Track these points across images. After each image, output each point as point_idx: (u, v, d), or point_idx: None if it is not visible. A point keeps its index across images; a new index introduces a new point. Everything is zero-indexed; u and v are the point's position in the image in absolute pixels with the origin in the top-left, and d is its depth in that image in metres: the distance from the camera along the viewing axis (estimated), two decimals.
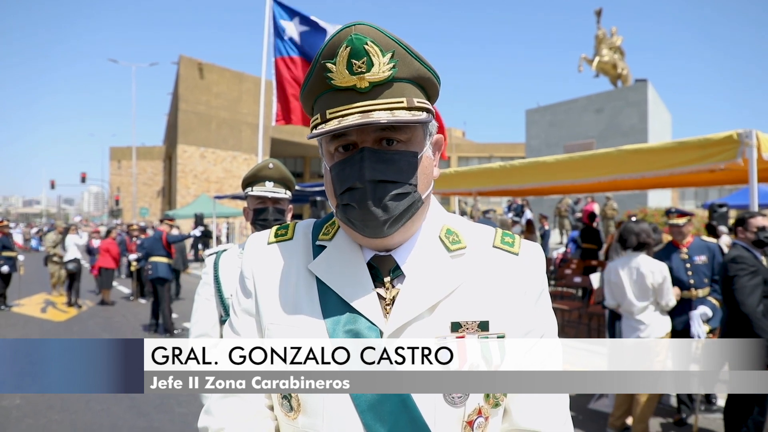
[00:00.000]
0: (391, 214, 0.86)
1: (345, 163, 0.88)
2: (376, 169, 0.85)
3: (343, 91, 0.85)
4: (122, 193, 45.11)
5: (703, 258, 4.78)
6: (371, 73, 0.82)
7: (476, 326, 0.90)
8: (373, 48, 0.82)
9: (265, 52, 7.36)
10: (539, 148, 22.16)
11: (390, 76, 0.84)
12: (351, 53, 0.81)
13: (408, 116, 0.84)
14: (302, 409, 0.89)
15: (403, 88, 0.86)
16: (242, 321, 1.01)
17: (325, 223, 1.05)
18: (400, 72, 0.85)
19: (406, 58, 0.85)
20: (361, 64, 0.82)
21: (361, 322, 0.89)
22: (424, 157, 0.93)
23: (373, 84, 0.84)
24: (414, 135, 0.90)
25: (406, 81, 0.87)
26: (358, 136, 0.87)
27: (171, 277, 9.53)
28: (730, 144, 4.86)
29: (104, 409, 5.30)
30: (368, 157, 0.85)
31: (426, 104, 0.89)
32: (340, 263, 0.96)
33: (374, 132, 0.87)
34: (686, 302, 4.70)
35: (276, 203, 2.37)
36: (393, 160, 0.87)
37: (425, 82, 0.90)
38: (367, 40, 0.81)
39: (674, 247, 4.97)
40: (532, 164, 6.99)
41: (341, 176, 0.88)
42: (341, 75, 0.83)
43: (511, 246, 1.00)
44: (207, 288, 2.28)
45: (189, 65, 33.68)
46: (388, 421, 0.84)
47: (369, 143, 0.87)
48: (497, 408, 0.92)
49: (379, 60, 0.82)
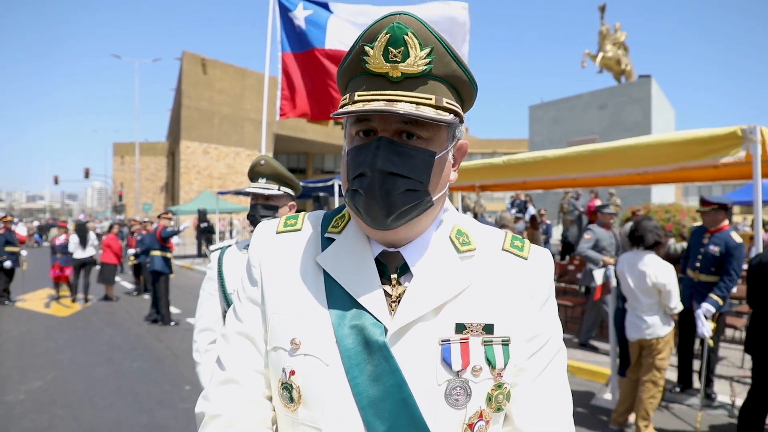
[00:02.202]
0: (395, 208, 0.85)
1: (361, 149, 0.87)
2: (389, 160, 0.84)
3: (375, 76, 0.85)
4: (125, 188, 45.16)
5: (716, 249, 4.93)
6: (406, 64, 0.82)
7: (481, 329, 0.89)
8: (412, 39, 0.81)
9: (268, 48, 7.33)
10: (542, 145, 22.08)
11: (424, 70, 0.83)
12: (390, 40, 0.81)
13: (432, 114, 0.83)
14: (303, 401, 0.88)
15: (435, 86, 0.85)
16: (246, 308, 1.00)
17: (335, 216, 1.04)
18: (436, 69, 0.84)
19: (444, 56, 0.85)
20: (397, 53, 0.82)
21: (366, 318, 0.88)
22: (443, 159, 0.91)
23: (406, 75, 0.83)
24: (437, 134, 0.89)
25: (439, 80, 0.86)
26: (380, 124, 0.87)
27: (167, 271, 9.67)
28: (734, 139, 4.84)
29: (107, 404, 5.32)
30: (384, 146, 0.85)
31: (455, 107, 0.88)
32: (348, 257, 0.95)
33: (396, 123, 0.86)
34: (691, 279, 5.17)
35: (267, 200, 2.38)
36: (409, 155, 0.86)
37: (460, 84, 0.89)
38: (408, 30, 0.81)
39: (705, 229, 5.21)
40: (535, 159, 6.97)
41: (355, 161, 0.88)
42: (376, 60, 0.83)
43: (521, 250, 1.00)
44: (211, 283, 2.29)
45: (192, 61, 33.65)
46: (388, 419, 0.83)
47: (389, 133, 0.86)
48: (499, 413, 0.91)
49: (416, 53, 0.82)
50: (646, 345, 4.30)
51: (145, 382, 6.04)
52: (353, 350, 0.87)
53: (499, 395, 0.89)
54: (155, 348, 7.71)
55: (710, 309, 4.64)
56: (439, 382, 0.86)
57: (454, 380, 0.86)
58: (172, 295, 10.04)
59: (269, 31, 7.12)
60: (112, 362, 6.91)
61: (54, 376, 6.27)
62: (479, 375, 0.87)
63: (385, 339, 0.87)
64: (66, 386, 5.90)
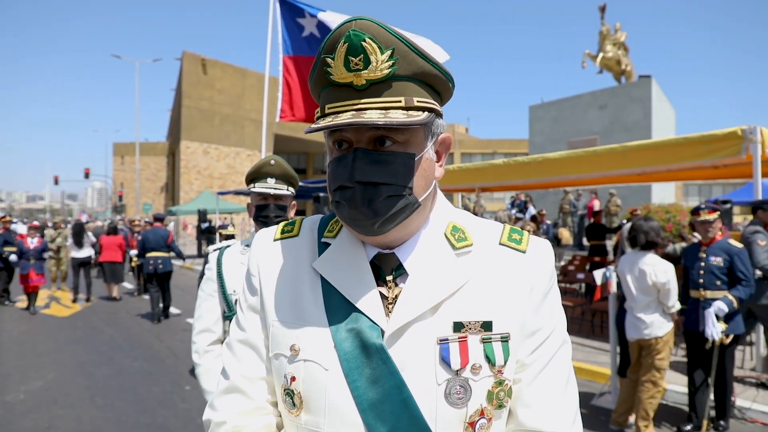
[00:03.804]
0: (381, 216, 0.84)
1: (339, 161, 0.87)
2: (367, 170, 0.83)
3: (341, 86, 0.84)
4: (126, 188, 45.14)
5: (719, 259, 4.52)
6: (368, 71, 0.80)
7: (479, 326, 0.89)
8: (370, 45, 0.79)
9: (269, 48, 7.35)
10: (543, 145, 22.08)
11: (389, 74, 0.81)
12: (348, 50, 0.80)
13: (403, 117, 0.81)
14: (305, 406, 0.89)
15: (403, 87, 0.84)
16: (248, 317, 1.01)
17: (330, 220, 1.04)
18: (401, 69, 0.82)
19: (408, 55, 0.82)
20: (358, 61, 0.80)
21: (363, 321, 0.88)
22: (424, 159, 0.90)
23: (371, 81, 0.81)
24: (413, 136, 0.87)
25: (407, 79, 0.84)
26: (353, 134, 0.85)
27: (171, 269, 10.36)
28: (734, 140, 4.85)
29: (108, 404, 5.32)
30: (360, 157, 0.84)
31: (429, 104, 0.86)
32: (344, 261, 0.95)
33: (369, 131, 0.85)
34: (696, 301, 4.58)
35: (277, 200, 2.38)
36: (387, 161, 0.84)
37: (431, 79, 0.87)
38: (365, 36, 0.79)
39: (699, 244, 4.77)
40: (535, 161, 6.98)
41: (334, 174, 0.87)
42: (339, 71, 0.82)
43: (518, 243, 0.98)
44: (210, 284, 2.29)
45: (192, 61, 33.66)
46: (389, 421, 0.84)
47: (363, 143, 0.85)
48: (501, 409, 0.90)
49: (377, 57, 0.80)
50: (645, 345, 4.31)
51: (145, 381, 6.05)
52: (351, 354, 0.86)
53: (500, 392, 0.89)
54: (156, 348, 7.72)
55: (723, 308, 4.29)
56: (439, 382, 0.85)
57: (453, 379, 0.85)
58: (172, 294, 10.17)
59: (269, 32, 7.14)
60: (113, 362, 6.92)
61: (54, 376, 6.27)
62: (479, 373, 0.87)
63: (382, 341, 0.86)
64: (66, 386, 5.91)
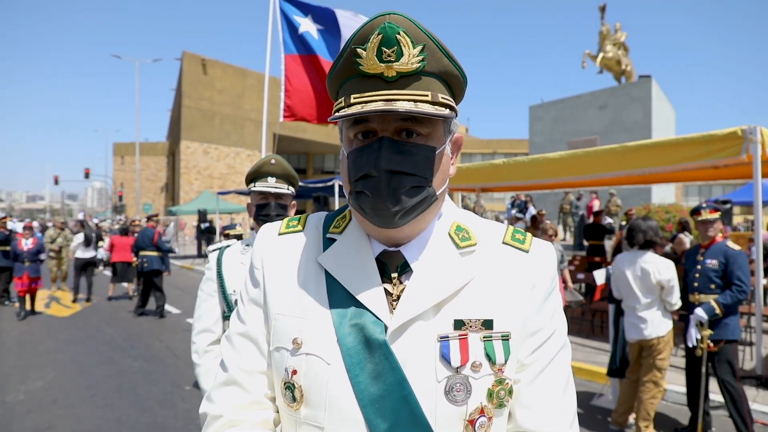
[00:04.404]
0: (403, 205, 0.86)
1: (362, 151, 0.88)
2: (393, 159, 0.85)
3: (369, 78, 0.86)
4: (126, 189, 45.16)
5: (714, 262, 4.40)
6: (400, 63, 0.83)
7: (480, 324, 0.89)
8: (404, 38, 0.82)
9: (269, 48, 7.35)
10: (543, 145, 22.10)
11: (418, 68, 0.84)
12: (382, 41, 0.82)
13: (431, 109, 0.84)
14: (305, 401, 0.89)
15: (429, 83, 0.86)
16: (249, 310, 1.01)
17: (336, 216, 1.05)
18: (429, 66, 0.85)
19: (436, 53, 0.85)
20: (391, 52, 0.82)
21: (366, 317, 0.89)
22: (443, 154, 0.93)
23: (400, 74, 0.84)
24: (435, 130, 0.90)
25: (433, 76, 0.87)
26: (379, 124, 0.87)
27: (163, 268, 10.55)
28: (734, 140, 4.85)
29: (108, 404, 5.32)
30: (387, 146, 0.85)
31: (450, 101, 0.89)
32: (349, 257, 0.96)
33: (395, 122, 0.87)
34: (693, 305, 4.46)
35: (278, 198, 2.38)
36: (411, 152, 0.87)
37: (452, 79, 0.90)
38: (399, 29, 0.82)
39: (699, 246, 4.64)
40: (535, 161, 6.98)
41: (358, 163, 0.88)
42: (370, 61, 0.84)
43: (522, 243, 1.00)
44: (210, 284, 2.29)
45: (192, 61, 33.67)
46: (390, 417, 0.84)
47: (389, 133, 0.87)
48: (501, 408, 0.91)
49: (410, 51, 0.83)
50: (646, 345, 4.30)
51: (145, 381, 6.05)
52: (354, 349, 0.87)
53: (500, 391, 0.89)
54: (156, 348, 7.72)
55: (701, 316, 4.16)
56: (439, 379, 0.86)
57: (453, 376, 0.86)
58: (172, 295, 10.11)
59: (269, 32, 7.14)
60: (113, 362, 6.92)
61: (55, 376, 6.27)
62: (479, 371, 0.87)
63: (385, 337, 0.87)
64: (67, 386, 5.91)
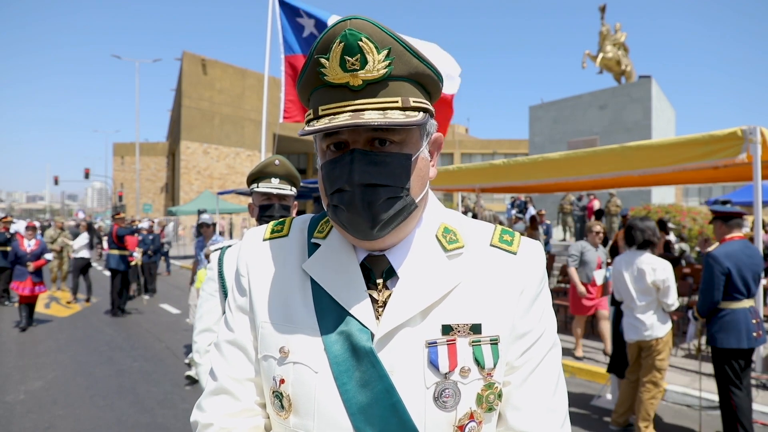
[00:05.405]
0: (380, 218, 0.84)
1: (335, 163, 0.85)
2: (366, 171, 0.82)
3: (336, 87, 0.82)
4: (125, 189, 45.13)
5: None
6: (365, 71, 0.79)
7: (468, 329, 0.88)
8: (367, 45, 0.78)
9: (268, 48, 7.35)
10: (543, 145, 22.09)
11: (385, 74, 0.81)
12: (344, 49, 0.78)
13: (401, 118, 0.80)
14: (293, 409, 0.88)
15: (399, 87, 0.83)
16: (236, 318, 1.00)
17: (320, 220, 1.03)
18: (397, 70, 0.82)
19: (404, 55, 0.82)
20: (354, 61, 0.79)
21: (353, 324, 0.88)
22: (419, 159, 0.89)
23: (367, 82, 0.80)
24: (409, 136, 0.87)
25: (402, 79, 0.83)
26: (350, 135, 0.84)
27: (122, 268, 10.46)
28: (734, 140, 4.84)
29: (108, 404, 5.32)
30: (359, 158, 0.82)
31: (423, 104, 0.86)
32: (334, 263, 0.94)
33: (366, 132, 0.84)
34: None
35: (282, 200, 2.39)
36: (385, 162, 0.83)
37: (424, 79, 0.87)
38: (362, 36, 0.78)
39: None
40: (535, 161, 6.98)
41: (331, 176, 0.86)
42: (334, 71, 0.80)
43: (509, 245, 0.97)
44: (211, 284, 2.29)
45: (192, 61, 33.67)
46: (378, 425, 0.83)
47: (360, 144, 0.84)
48: (491, 413, 0.90)
49: (374, 57, 0.79)
50: (646, 346, 4.30)
51: (145, 381, 6.05)
52: (341, 357, 0.86)
53: (489, 395, 0.88)
54: (156, 348, 7.72)
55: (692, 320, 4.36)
56: (428, 385, 0.85)
57: (442, 382, 0.85)
58: (171, 295, 10.10)
59: (269, 32, 7.14)
60: (113, 362, 6.92)
61: (55, 376, 6.27)
62: (468, 376, 0.86)
63: (372, 345, 0.86)
64: (67, 386, 5.91)
